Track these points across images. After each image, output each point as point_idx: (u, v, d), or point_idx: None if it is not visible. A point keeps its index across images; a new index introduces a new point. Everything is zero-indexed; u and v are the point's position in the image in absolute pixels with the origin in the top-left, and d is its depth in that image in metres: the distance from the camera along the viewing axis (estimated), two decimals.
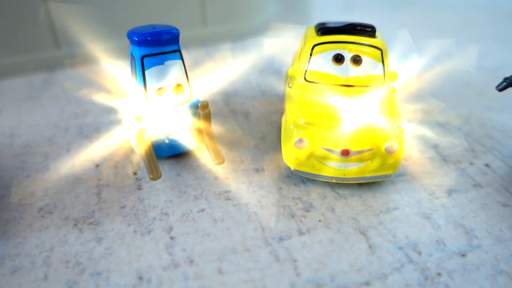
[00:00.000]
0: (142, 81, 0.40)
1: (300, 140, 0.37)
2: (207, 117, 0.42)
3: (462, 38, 0.75)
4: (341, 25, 0.43)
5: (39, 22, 0.61)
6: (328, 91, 0.41)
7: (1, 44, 0.61)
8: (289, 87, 0.44)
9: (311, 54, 0.43)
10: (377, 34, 0.44)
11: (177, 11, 0.69)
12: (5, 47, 0.62)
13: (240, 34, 0.75)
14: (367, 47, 0.42)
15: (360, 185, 0.40)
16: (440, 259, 0.33)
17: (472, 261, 0.33)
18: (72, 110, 0.54)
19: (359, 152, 0.37)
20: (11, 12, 0.60)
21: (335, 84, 0.42)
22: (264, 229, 0.36)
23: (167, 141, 0.42)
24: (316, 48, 0.43)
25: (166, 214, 0.37)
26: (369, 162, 0.38)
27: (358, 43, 0.42)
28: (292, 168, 0.39)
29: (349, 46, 0.42)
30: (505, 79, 0.40)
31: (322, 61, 0.42)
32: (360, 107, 0.39)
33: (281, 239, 0.35)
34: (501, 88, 0.40)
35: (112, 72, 0.64)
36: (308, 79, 0.42)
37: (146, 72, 0.40)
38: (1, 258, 0.33)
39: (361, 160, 0.38)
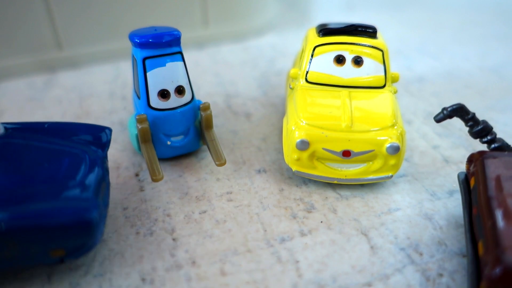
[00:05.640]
0: (144, 83, 0.40)
1: (302, 141, 0.37)
2: (209, 119, 0.42)
3: (462, 38, 0.75)
4: (342, 26, 0.43)
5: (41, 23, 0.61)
6: (329, 92, 0.41)
7: (2, 45, 0.61)
8: (291, 88, 0.44)
9: (312, 55, 0.43)
10: (378, 34, 0.44)
11: (178, 11, 0.69)
12: (6, 48, 0.62)
13: (241, 34, 0.76)
14: (368, 48, 0.42)
15: (362, 186, 0.40)
16: (442, 260, 0.33)
17: None
18: (74, 112, 0.55)
19: (361, 153, 0.37)
20: (12, 13, 0.60)
21: (336, 85, 0.42)
22: (266, 230, 0.36)
23: (169, 143, 0.42)
24: (317, 49, 0.43)
25: (169, 215, 0.38)
26: (371, 163, 0.38)
27: (359, 44, 0.42)
28: (293, 169, 0.39)
29: (350, 47, 0.42)
30: (443, 109, 0.39)
31: (323, 62, 0.42)
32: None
33: (283, 240, 0.35)
34: (439, 119, 0.39)
35: (113, 73, 0.64)
36: (309, 80, 0.43)
37: (148, 74, 0.40)
38: None
39: (362, 161, 0.38)
